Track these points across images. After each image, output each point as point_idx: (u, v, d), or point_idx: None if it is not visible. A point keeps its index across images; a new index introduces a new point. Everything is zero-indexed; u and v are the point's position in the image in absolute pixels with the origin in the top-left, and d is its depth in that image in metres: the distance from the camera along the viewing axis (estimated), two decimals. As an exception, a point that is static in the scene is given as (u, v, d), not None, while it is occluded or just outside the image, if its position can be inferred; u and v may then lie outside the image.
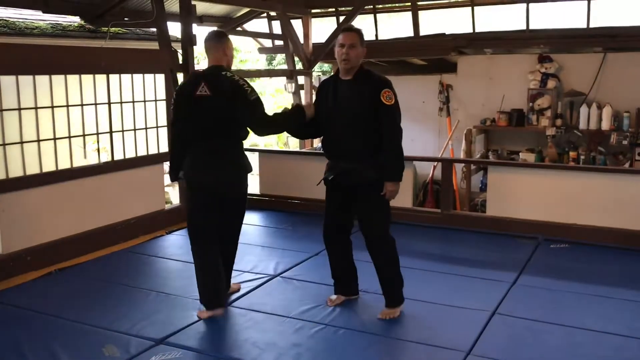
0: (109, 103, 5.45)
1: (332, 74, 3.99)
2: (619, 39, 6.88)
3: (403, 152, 3.78)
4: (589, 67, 7.23)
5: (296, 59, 8.59)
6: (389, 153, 3.70)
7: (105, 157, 5.55)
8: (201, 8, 7.25)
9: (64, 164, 5.08)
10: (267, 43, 9.27)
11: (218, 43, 3.85)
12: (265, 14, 8.60)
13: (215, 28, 7.86)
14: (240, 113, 3.73)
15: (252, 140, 13.48)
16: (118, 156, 5.58)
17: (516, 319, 3.78)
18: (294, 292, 4.28)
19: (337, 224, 3.98)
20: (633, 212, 5.23)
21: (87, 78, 5.25)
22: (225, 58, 3.86)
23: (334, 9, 8.44)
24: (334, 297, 4.08)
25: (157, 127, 5.96)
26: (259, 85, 16.18)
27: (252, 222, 6.28)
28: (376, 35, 8.25)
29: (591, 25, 6.96)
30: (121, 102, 5.59)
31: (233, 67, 4.13)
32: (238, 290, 4.30)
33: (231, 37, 4.24)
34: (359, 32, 3.75)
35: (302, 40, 8.32)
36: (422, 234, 5.75)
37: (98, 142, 5.49)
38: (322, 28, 8.52)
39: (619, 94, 7.07)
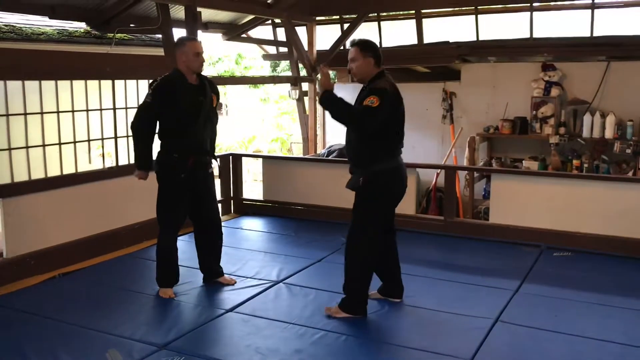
0: (114, 108, 5.48)
1: None
2: (622, 48, 6.89)
3: (341, 115, 3.75)
4: (593, 76, 7.24)
5: (300, 65, 8.62)
6: (348, 104, 3.75)
7: (110, 163, 5.58)
8: (206, 15, 7.29)
9: (69, 169, 5.12)
10: (272, 50, 9.31)
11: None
12: (270, 21, 8.64)
13: (220, 35, 7.92)
14: None
15: (257, 146, 13.51)
16: (122, 161, 5.60)
17: (518, 327, 3.78)
18: (297, 298, 4.29)
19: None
20: (636, 221, 5.22)
21: (92, 83, 5.28)
22: (179, 62, 4.20)
23: (338, 17, 8.48)
24: (373, 291, 4.17)
25: (161, 132, 5.98)
26: (263, 92, 16.21)
27: (255, 228, 6.30)
28: (380, 43, 8.26)
29: (595, 34, 6.98)
30: (126, 108, 5.62)
31: (237, 74, 4.28)
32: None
33: (236, 44, 4.36)
34: (359, 45, 3.84)
35: (306, 47, 8.35)
36: (425, 241, 5.76)
37: (103, 147, 5.52)
38: (326, 35, 8.54)
39: (622, 103, 7.07)
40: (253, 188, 9.89)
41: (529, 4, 7.18)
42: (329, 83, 3.84)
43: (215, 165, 4.55)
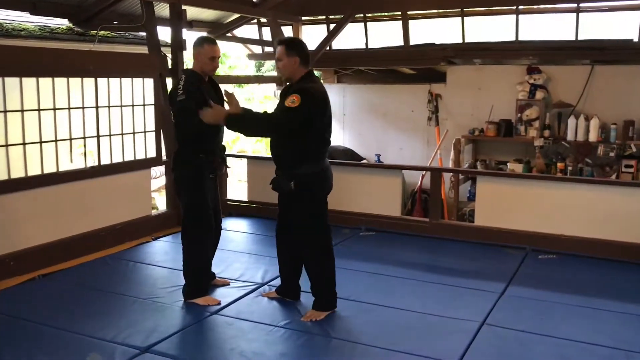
0: (97, 107, 5.40)
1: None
2: (606, 52, 6.93)
3: (258, 125, 3.84)
4: (577, 79, 7.28)
5: (286, 65, 8.55)
6: (259, 114, 3.87)
7: (92, 162, 5.49)
8: (191, 13, 7.21)
9: (50, 168, 5.02)
10: (257, 49, 9.24)
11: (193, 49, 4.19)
12: (255, 21, 8.57)
13: (205, 33, 7.84)
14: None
15: (240, 146, 13.43)
16: (105, 161, 5.52)
17: (505, 330, 3.77)
18: (282, 300, 4.23)
19: (281, 224, 4.16)
20: (619, 223, 5.25)
21: (74, 81, 5.19)
22: (194, 62, 4.17)
23: (324, 17, 8.44)
24: (271, 290, 4.33)
25: (144, 131, 5.91)
26: (248, 92, 16.08)
27: (240, 229, 6.24)
28: (366, 44, 8.25)
29: (579, 38, 7.01)
30: (109, 106, 5.53)
31: (222, 73, 4.23)
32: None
33: (220, 43, 4.29)
34: (283, 44, 3.84)
35: (292, 47, 8.29)
36: (411, 243, 5.74)
37: (85, 146, 5.42)
38: (312, 35, 8.50)
39: (606, 106, 7.12)
40: (237, 189, 9.81)
41: (514, 7, 7.20)
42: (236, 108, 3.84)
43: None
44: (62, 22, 6.55)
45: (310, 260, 4.01)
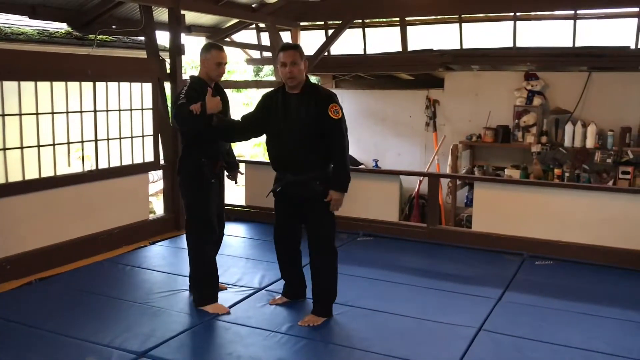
0: (95, 111, 5.40)
1: (275, 88, 4.09)
2: (604, 59, 6.96)
3: (349, 164, 3.95)
4: (574, 86, 7.31)
5: (284, 70, 8.56)
6: (337, 165, 3.86)
7: (90, 166, 5.49)
8: (190, 18, 7.23)
9: (48, 172, 5.01)
10: (255, 54, 9.27)
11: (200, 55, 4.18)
12: (254, 26, 8.59)
13: (203, 38, 7.86)
14: None
15: (239, 151, 13.44)
16: (102, 165, 5.51)
17: (502, 336, 3.77)
18: (280, 306, 4.23)
19: (283, 229, 4.16)
20: (616, 230, 5.26)
21: (73, 85, 5.19)
22: (201, 68, 4.18)
23: (322, 23, 8.47)
24: (277, 297, 4.31)
25: (142, 136, 5.91)
26: (246, 96, 16.11)
27: (237, 234, 6.23)
28: (364, 50, 8.27)
29: (577, 45, 7.04)
30: (107, 110, 5.53)
31: (222, 78, 4.27)
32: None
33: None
34: (298, 48, 3.90)
35: (290, 53, 8.29)
36: (408, 249, 5.74)
37: (83, 150, 5.42)
38: (310, 41, 8.52)
39: (603, 113, 7.15)
40: (235, 193, 9.80)
41: (512, 14, 7.24)
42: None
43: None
44: (61, 26, 6.56)
45: (324, 266, 3.98)
